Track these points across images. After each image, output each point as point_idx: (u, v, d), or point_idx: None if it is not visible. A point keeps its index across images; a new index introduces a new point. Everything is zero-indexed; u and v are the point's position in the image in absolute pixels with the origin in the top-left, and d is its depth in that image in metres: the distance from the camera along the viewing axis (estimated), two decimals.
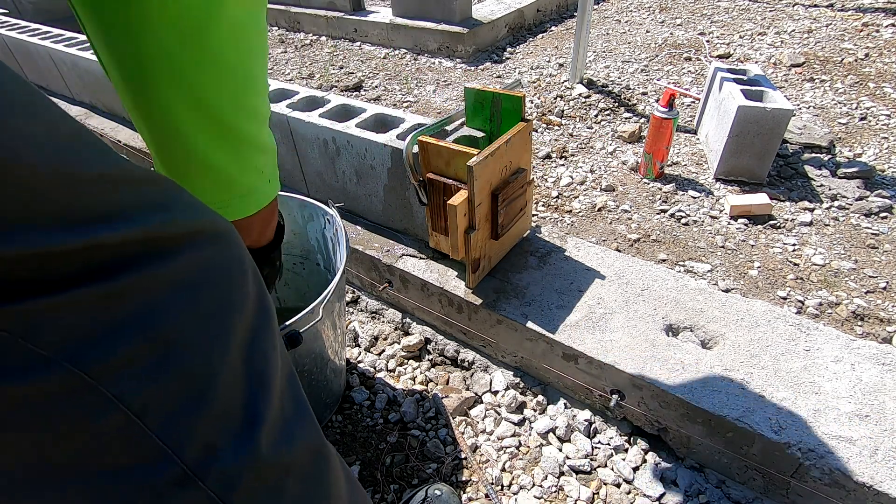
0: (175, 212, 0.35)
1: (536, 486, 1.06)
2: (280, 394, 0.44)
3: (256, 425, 0.40)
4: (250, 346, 0.41)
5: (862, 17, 2.90)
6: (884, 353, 1.02)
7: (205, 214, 0.38)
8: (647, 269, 1.27)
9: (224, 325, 0.38)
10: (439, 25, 3.12)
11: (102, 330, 0.30)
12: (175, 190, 0.36)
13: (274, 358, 0.44)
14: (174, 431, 0.34)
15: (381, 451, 1.14)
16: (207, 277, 0.37)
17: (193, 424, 0.36)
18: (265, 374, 0.42)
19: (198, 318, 0.36)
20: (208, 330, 0.37)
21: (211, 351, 0.37)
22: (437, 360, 1.36)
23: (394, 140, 1.32)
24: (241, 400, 0.39)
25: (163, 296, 0.33)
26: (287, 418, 0.44)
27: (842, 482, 0.87)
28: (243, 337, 0.40)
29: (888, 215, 1.58)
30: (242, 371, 0.40)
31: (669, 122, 1.70)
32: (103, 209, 0.30)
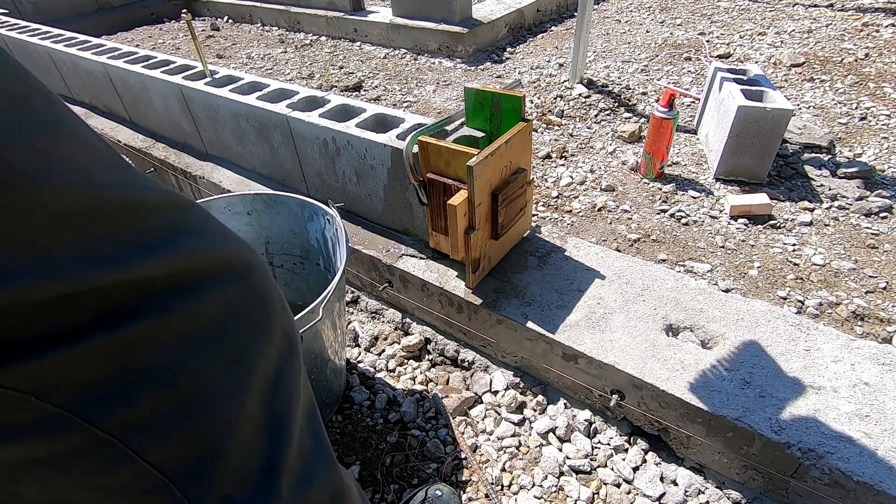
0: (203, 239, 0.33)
1: (536, 486, 1.06)
2: (300, 435, 0.42)
3: (276, 474, 0.38)
4: (273, 389, 0.39)
5: (862, 17, 2.90)
6: (884, 353, 1.02)
7: (233, 244, 0.36)
8: (647, 269, 1.27)
9: (247, 372, 0.36)
10: (439, 25, 3.12)
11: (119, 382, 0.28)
12: (204, 217, 0.34)
13: (296, 398, 0.42)
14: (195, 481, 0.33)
15: (381, 451, 1.14)
16: (232, 319, 0.35)
17: (212, 476, 0.34)
18: (286, 419, 0.40)
19: (220, 365, 0.34)
20: (230, 378, 0.35)
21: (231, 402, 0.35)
22: (437, 360, 1.36)
23: (394, 140, 1.32)
24: (260, 450, 0.37)
25: (185, 342, 0.31)
26: (306, 460, 0.42)
27: (842, 482, 0.87)
28: (266, 381, 0.38)
29: (888, 215, 1.58)
30: (263, 419, 0.38)
31: (669, 122, 1.70)
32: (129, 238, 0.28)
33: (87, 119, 2.42)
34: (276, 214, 1.26)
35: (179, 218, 0.32)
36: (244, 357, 0.36)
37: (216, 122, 1.81)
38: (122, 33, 4.37)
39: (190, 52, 3.72)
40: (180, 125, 2.01)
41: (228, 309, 0.34)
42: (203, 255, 0.33)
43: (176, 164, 2.00)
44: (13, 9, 4.25)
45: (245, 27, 4.23)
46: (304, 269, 1.33)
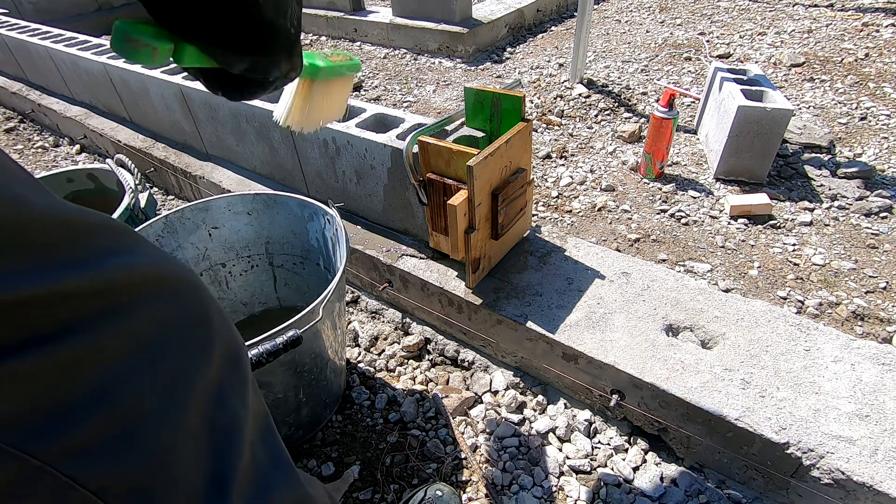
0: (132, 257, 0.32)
1: (536, 486, 1.06)
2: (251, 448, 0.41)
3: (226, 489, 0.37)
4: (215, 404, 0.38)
5: (862, 17, 2.90)
6: (884, 353, 1.02)
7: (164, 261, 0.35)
8: (647, 269, 1.27)
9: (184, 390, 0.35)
10: (439, 25, 3.12)
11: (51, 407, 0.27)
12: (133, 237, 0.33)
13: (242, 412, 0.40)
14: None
15: (381, 451, 1.14)
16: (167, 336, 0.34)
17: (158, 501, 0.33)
18: (232, 432, 0.39)
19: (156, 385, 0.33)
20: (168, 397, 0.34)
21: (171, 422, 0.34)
22: (437, 360, 1.36)
23: (394, 140, 1.32)
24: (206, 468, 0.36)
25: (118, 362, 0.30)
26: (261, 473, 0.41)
27: (842, 482, 0.87)
28: (206, 396, 0.37)
29: (888, 215, 1.58)
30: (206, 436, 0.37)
31: (669, 122, 1.70)
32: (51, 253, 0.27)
33: (86, 119, 2.42)
34: (276, 214, 1.26)
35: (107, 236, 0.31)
36: (182, 374, 0.35)
37: (216, 121, 1.81)
38: None
39: None
40: (180, 125, 2.01)
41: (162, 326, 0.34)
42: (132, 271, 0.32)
43: (176, 164, 2.00)
44: (13, 9, 4.25)
45: None
46: (304, 269, 1.33)
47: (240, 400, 0.41)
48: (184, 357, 0.36)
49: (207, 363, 0.38)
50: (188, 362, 0.36)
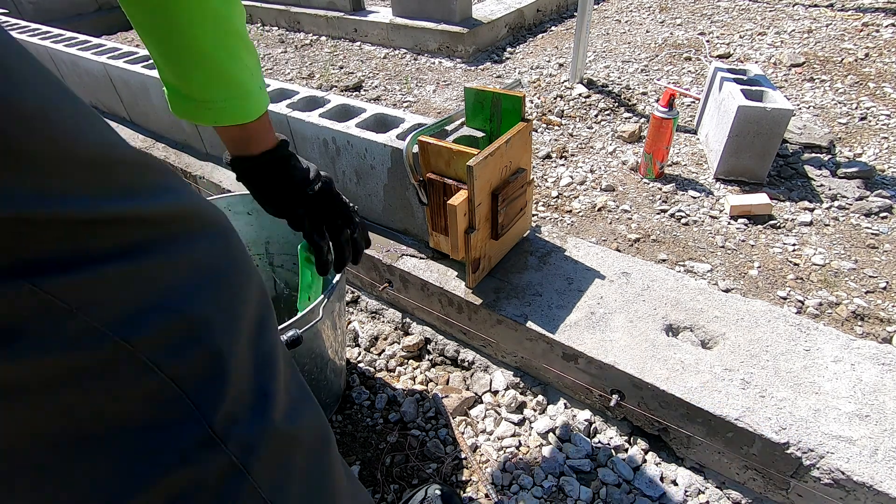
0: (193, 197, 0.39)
1: (536, 486, 1.06)
2: (285, 377, 0.47)
3: (268, 401, 0.44)
4: (258, 333, 0.44)
5: (862, 17, 2.90)
6: (884, 353, 1.02)
7: (216, 207, 0.42)
8: (647, 269, 1.27)
9: (237, 312, 0.42)
10: (439, 25, 3.12)
11: (142, 306, 0.34)
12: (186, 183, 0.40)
13: (277, 345, 0.48)
14: (203, 395, 0.38)
15: (381, 451, 1.14)
16: (223, 266, 0.41)
17: (217, 394, 0.39)
18: (272, 359, 0.46)
19: (216, 303, 0.40)
20: (225, 315, 0.40)
21: (227, 334, 0.40)
22: (437, 360, 1.36)
23: (394, 140, 1.32)
24: (252, 379, 0.43)
25: (189, 280, 0.37)
26: (293, 399, 0.48)
27: (842, 482, 0.87)
28: (251, 324, 0.44)
29: (888, 215, 1.58)
30: (251, 354, 0.43)
31: (669, 122, 1.70)
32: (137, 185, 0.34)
33: None
34: None
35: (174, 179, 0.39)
36: (235, 300, 0.42)
37: None
38: (122, 33, 4.36)
39: None
40: (180, 125, 2.01)
41: (221, 255, 0.41)
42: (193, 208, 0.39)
43: (176, 164, 2.00)
44: (13, 9, 4.25)
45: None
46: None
47: (275, 336, 0.48)
48: (236, 285, 0.42)
49: (251, 297, 0.44)
50: (239, 290, 0.43)
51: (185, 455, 0.38)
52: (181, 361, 0.37)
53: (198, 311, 0.38)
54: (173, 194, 0.37)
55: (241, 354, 0.42)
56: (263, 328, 0.45)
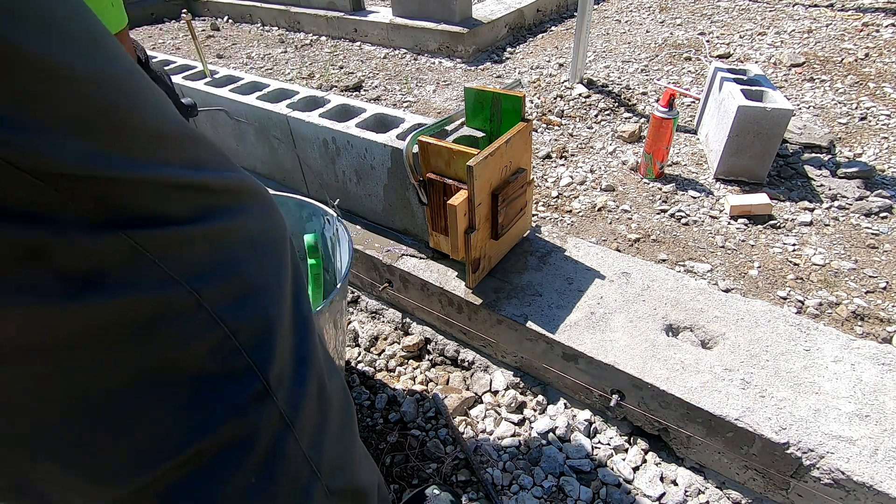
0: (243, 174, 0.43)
1: (536, 486, 1.06)
2: (317, 344, 0.51)
3: (306, 364, 0.48)
4: (296, 299, 0.48)
5: (862, 17, 2.90)
6: (884, 353, 1.02)
7: (261, 185, 0.46)
8: (647, 269, 1.27)
9: (282, 279, 0.46)
10: (439, 25, 3.12)
11: (211, 264, 0.38)
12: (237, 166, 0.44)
13: (311, 313, 0.51)
14: (259, 352, 0.42)
15: (381, 451, 1.14)
16: (270, 235, 0.45)
17: (270, 352, 0.43)
18: (308, 324, 0.50)
19: (267, 269, 0.44)
20: (274, 280, 0.44)
21: (276, 299, 0.44)
22: (437, 360, 1.36)
23: (394, 140, 1.32)
24: (294, 343, 0.47)
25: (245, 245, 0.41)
26: (325, 364, 0.52)
27: (842, 482, 0.87)
28: (291, 291, 0.47)
29: (888, 215, 1.58)
30: (292, 319, 0.47)
31: (669, 122, 1.70)
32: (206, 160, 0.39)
33: None
34: None
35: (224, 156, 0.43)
36: (281, 267, 0.46)
37: (216, 121, 1.81)
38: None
39: (190, 51, 3.72)
40: None
41: (267, 227, 0.45)
42: (244, 182, 0.43)
43: None
44: None
45: (245, 27, 4.23)
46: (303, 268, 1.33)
47: (309, 302, 0.52)
48: (280, 253, 0.46)
49: (290, 265, 0.48)
50: (282, 259, 0.46)
51: (244, 407, 0.41)
52: (241, 317, 0.40)
53: (254, 274, 0.42)
54: (233, 170, 0.42)
55: (286, 319, 0.45)
56: (300, 295, 0.49)
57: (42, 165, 0.28)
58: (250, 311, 0.41)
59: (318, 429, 0.49)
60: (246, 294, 0.41)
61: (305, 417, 0.47)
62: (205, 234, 0.38)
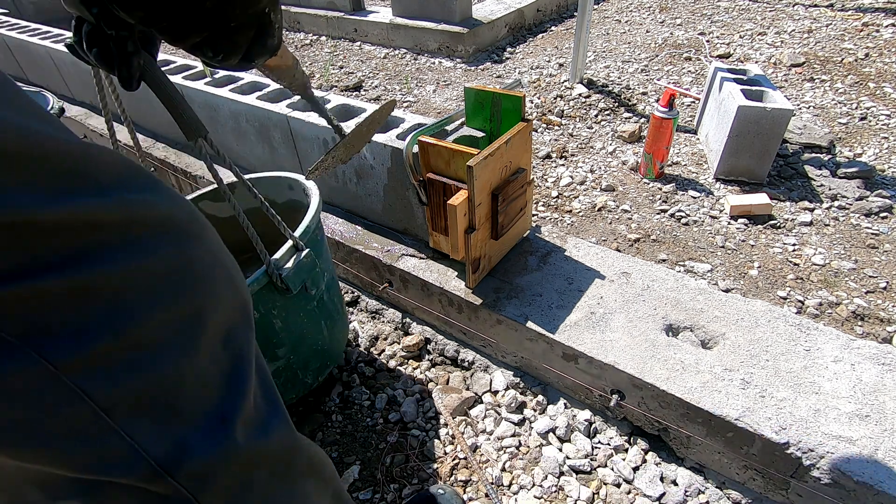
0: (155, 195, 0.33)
1: (536, 486, 1.06)
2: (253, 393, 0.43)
3: (230, 421, 0.39)
4: (224, 344, 0.40)
5: (862, 17, 2.90)
6: (884, 353, 1.02)
7: (187, 207, 0.36)
8: (647, 269, 1.27)
9: (196, 326, 0.37)
10: (439, 25, 3.12)
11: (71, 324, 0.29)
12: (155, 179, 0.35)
13: (249, 354, 0.43)
14: (142, 429, 0.34)
15: (381, 451, 1.14)
16: (183, 276, 0.36)
17: (163, 422, 0.35)
18: (240, 371, 0.41)
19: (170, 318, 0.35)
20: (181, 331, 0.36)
21: (182, 353, 0.36)
22: (437, 360, 1.36)
23: (394, 140, 1.32)
24: (213, 398, 0.39)
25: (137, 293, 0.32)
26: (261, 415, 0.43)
27: (842, 482, 0.87)
28: (216, 335, 0.39)
29: (888, 215, 1.58)
30: (215, 370, 0.39)
31: (669, 122, 1.70)
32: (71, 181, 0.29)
33: (87, 119, 2.42)
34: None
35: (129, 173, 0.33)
36: (194, 315, 0.37)
37: (216, 121, 1.81)
38: None
39: None
40: None
41: (181, 262, 0.35)
42: (154, 208, 0.33)
43: (176, 164, 2.00)
44: (13, 9, 4.25)
45: None
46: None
47: (247, 346, 0.43)
48: (198, 299, 0.37)
49: (220, 309, 0.39)
50: (203, 303, 0.37)
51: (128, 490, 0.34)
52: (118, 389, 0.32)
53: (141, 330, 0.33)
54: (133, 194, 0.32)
55: (199, 374, 0.37)
56: (231, 339, 0.41)
57: None
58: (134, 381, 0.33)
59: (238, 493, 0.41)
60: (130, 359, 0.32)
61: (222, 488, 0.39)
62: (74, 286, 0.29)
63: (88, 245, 0.29)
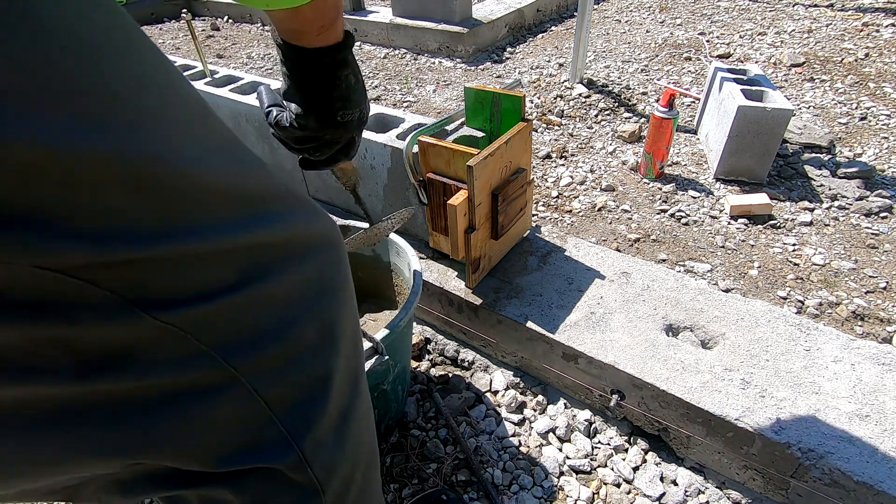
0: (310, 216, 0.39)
1: (536, 486, 1.06)
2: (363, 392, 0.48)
3: (348, 422, 0.44)
4: (353, 350, 0.44)
5: (862, 17, 2.90)
6: (884, 353, 1.02)
7: (327, 221, 0.41)
8: (647, 269, 1.27)
9: (340, 331, 0.42)
10: (439, 25, 3.12)
11: (254, 331, 0.34)
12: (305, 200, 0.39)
13: (363, 356, 0.48)
14: (296, 423, 0.39)
15: (382, 451, 1.14)
16: (328, 283, 0.40)
17: (312, 419, 0.40)
18: (359, 372, 0.46)
19: (321, 322, 0.39)
20: (328, 334, 0.40)
21: (329, 355, 0.41)
22: (437, 360, 1.36)
23: (394, 140, 1.32)
24: (345, 399, 0.44)
25: (295, 303, 0.37)
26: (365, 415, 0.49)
27: (842, 482, 0.87)
28: (351, 339, 0.44)
29: (888, 215, 1.58)
30: (347, 372, 0.43)
31: (669, 122, 1.70)
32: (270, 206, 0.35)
33: None
34: None
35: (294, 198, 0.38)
36: (339, 318, 0.42)
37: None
38: None
39: (190, 51, 3.72)
40: None
41: (325, 275, 0.40)
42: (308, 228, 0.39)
43: None
44: None
45: (245, 27, 4.23)
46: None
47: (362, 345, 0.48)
48: (340, 302, 0.42)
49: (352, 310, 0.44)
50: (342, 309, 0.42)
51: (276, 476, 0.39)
52: (280, 387, 0.37)
53: (304, 334, 0.38)
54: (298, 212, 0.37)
55: (339, 375, 0.42)
56: (357, 342, 0.45)
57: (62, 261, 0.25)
58: (293, 380, 0.38)
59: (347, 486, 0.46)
60: (292, 358, 0.37)
61: (337, 480, 0.44)
62: (249, 301, 0.33)
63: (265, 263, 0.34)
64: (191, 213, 0.29)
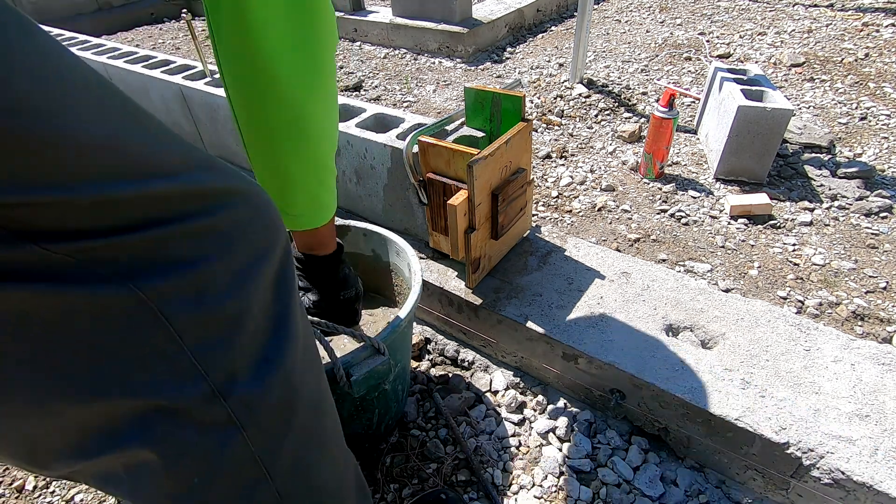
0: (215, 174, 0.41)
1: (536, 486, 1.06)
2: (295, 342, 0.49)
3: (274, 364, 0.46)
4: (274, 293, 0.47)
5: (862, 17, 2.90)
6: (884, 353, 1.02)
7: (239, 179, 0.44)
8: (647, 269, 1.27)
9: (255, 275, 0.44)
10: (439, 25, 3.12)
11: (158, 263, 0.37)
12: (213, 160, 0.43)
13: (295, 306, 0.50)
14: (206, 354, 0.41)
15: (382, 451, 1.14)
16: (241, 231, 0.43)
17: (225, 352, 0.42)
18: (285, 321, 0.48)
19: (231, 264, 0.42)
20: (240, 276, 0.43)
21: (241, 295, 0.43)
22: (437, 360, 1.36)
23: (394, 140, 1.32)
24: (260, 341, 0.45)
25: (204, 243, 0.40)
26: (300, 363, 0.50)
27: (842, 482, 0.87)
28: (269, 284, 0.46)
29: (888, 215, 1.59)
30: (264, 316, 0.45)
31: (669, 122, 1.70)
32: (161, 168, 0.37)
33: None
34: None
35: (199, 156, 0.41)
36: (252, 263, 0.44)
37: (216, 122, 1.81)
38: (122, 33, 4.36)
39: (190, 51, 3.72)
40: (180, 125, 2.01)
41: (239, 221, 0.43)
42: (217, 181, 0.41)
43: None
44: None
45: None
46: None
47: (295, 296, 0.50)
48: (254, 250, 0.44)
49: (272, 258, 0.46)
50: (257, 254, 0.45)
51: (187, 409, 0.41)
52: (189, 316, 0.39)
53: (210, 271, 0.40)
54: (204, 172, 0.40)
55: (254, 315, 0.44)
56: (281, 288, 0.47)
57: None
58: (201, 312, 0.40)
59: (278, 430, 0.48)
60: (199, 293, 0.40)
61: (263, 418, 0.46)
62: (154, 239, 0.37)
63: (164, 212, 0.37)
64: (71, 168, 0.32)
